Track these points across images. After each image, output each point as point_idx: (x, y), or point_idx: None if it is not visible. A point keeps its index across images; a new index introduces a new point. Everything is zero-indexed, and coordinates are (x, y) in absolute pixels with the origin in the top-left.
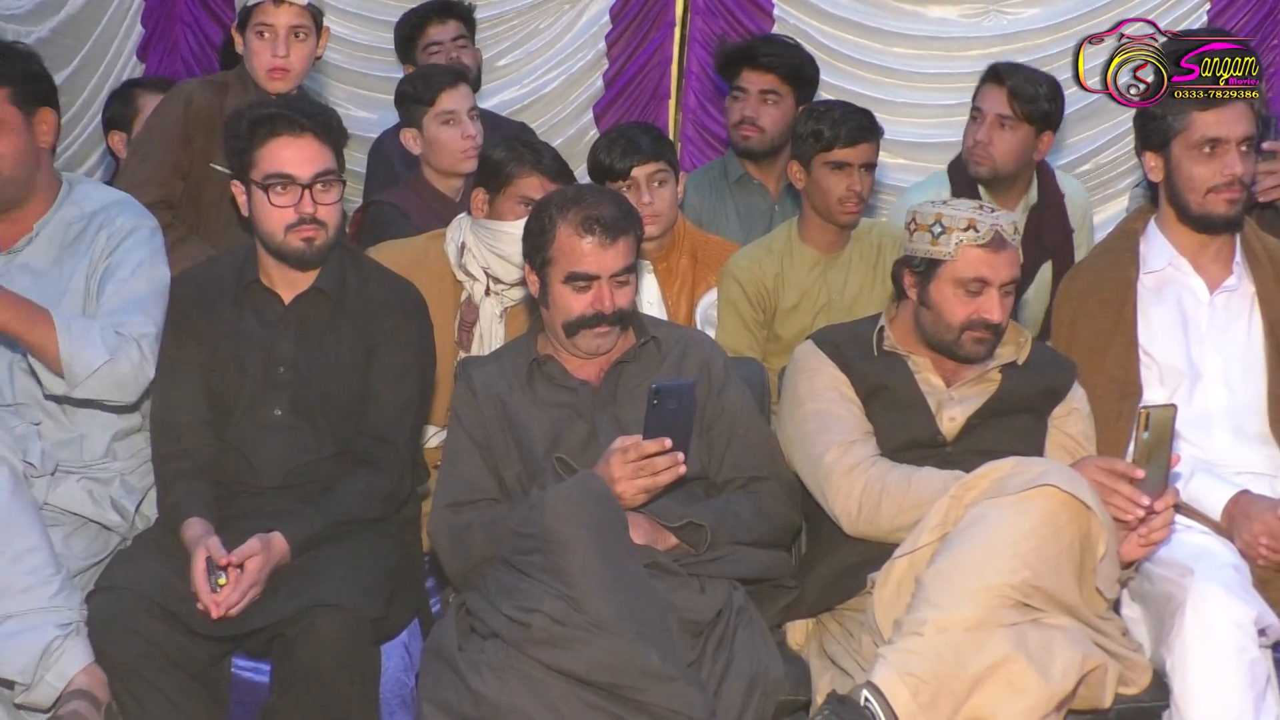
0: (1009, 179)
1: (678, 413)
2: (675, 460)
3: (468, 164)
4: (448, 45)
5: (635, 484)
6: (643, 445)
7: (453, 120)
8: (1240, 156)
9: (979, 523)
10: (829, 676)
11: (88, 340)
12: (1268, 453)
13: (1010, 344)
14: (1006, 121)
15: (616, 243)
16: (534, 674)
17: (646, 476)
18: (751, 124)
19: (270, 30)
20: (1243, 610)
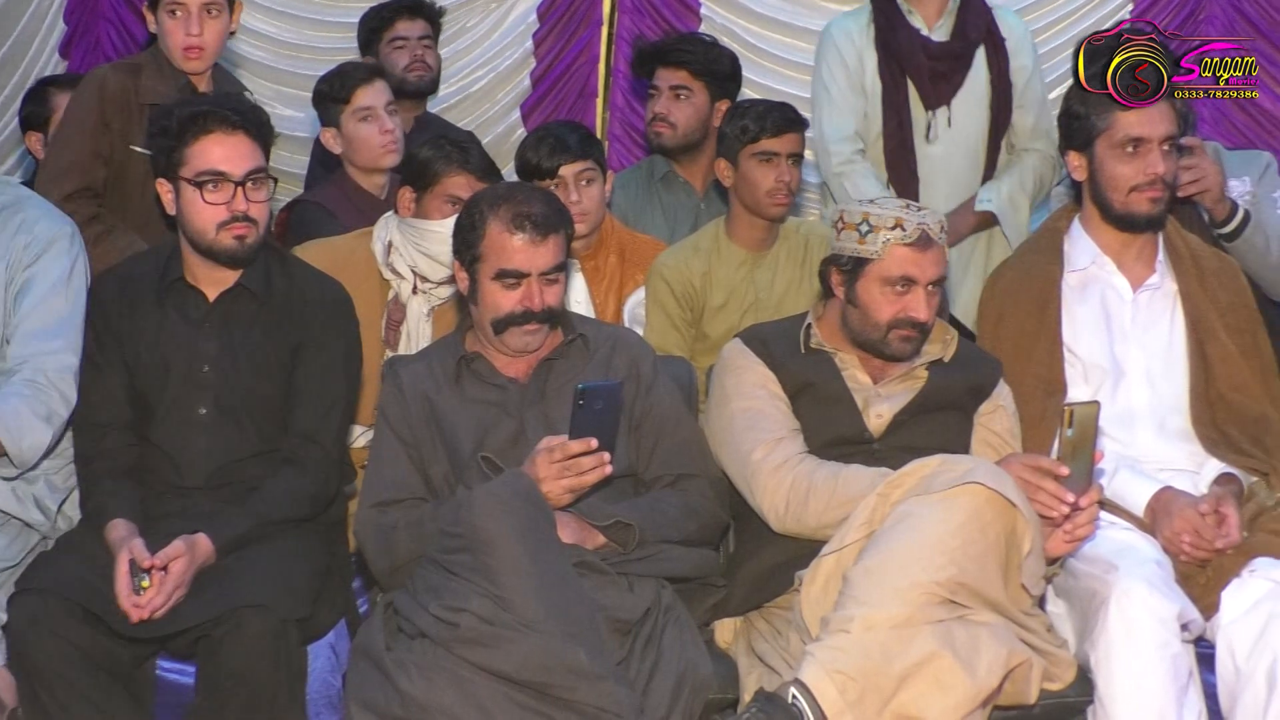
0: None
1: (604, 412)
2: (601, 460)
3: (388, 159)
4: (413, 43)
5: (561, 484)
6: (568, 445)
7: (370, 116)
8: (1162, 156)
9: (905, 520)
10: (757, 674)
11: (25, 425)
12: (1190, 449)
13: (937, 341)
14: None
15: (547, 240)
16: (462, 673)
17: (572, 476)
18: (663, 120)
19: (182, 9)
20: (1165, 606)
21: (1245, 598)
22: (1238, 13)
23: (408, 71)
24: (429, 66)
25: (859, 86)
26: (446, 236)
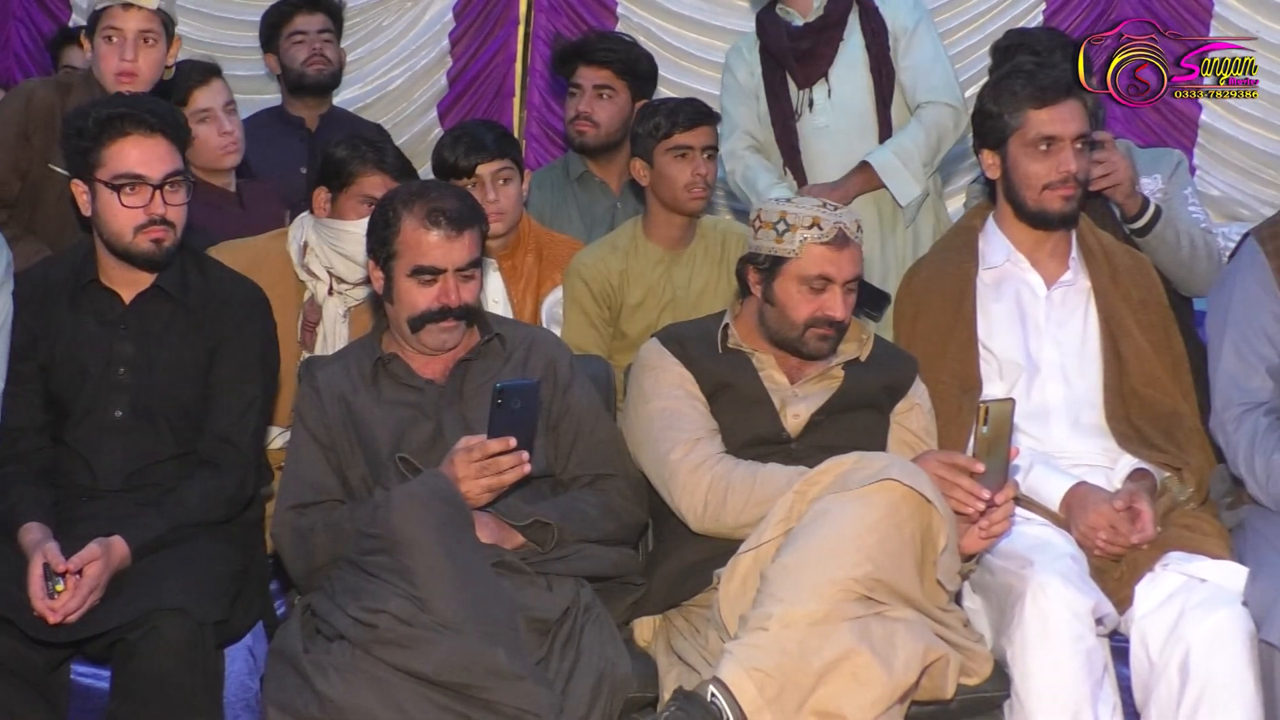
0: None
1: (522, 412)
2: (519, 459)
3: (228, 160)
4: (312, 37)
5: (479, 483)
6: (487, 445)
7: (208, 118)
8: (1075, 154)
9: (822, 518)
10: (676, 673)
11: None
12: (1104, 445)
13: (853, 340)
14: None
15: (462, 236)
16: (380, 675)
17: (491, 476)
18: (586, 119)
19: (118, 34)
20: (1080, 600)
21: (1158, 592)
22: (1148, 11)
23: (306, 66)
24: (328, 60)
25: (751, 95)
26: (362, 237)
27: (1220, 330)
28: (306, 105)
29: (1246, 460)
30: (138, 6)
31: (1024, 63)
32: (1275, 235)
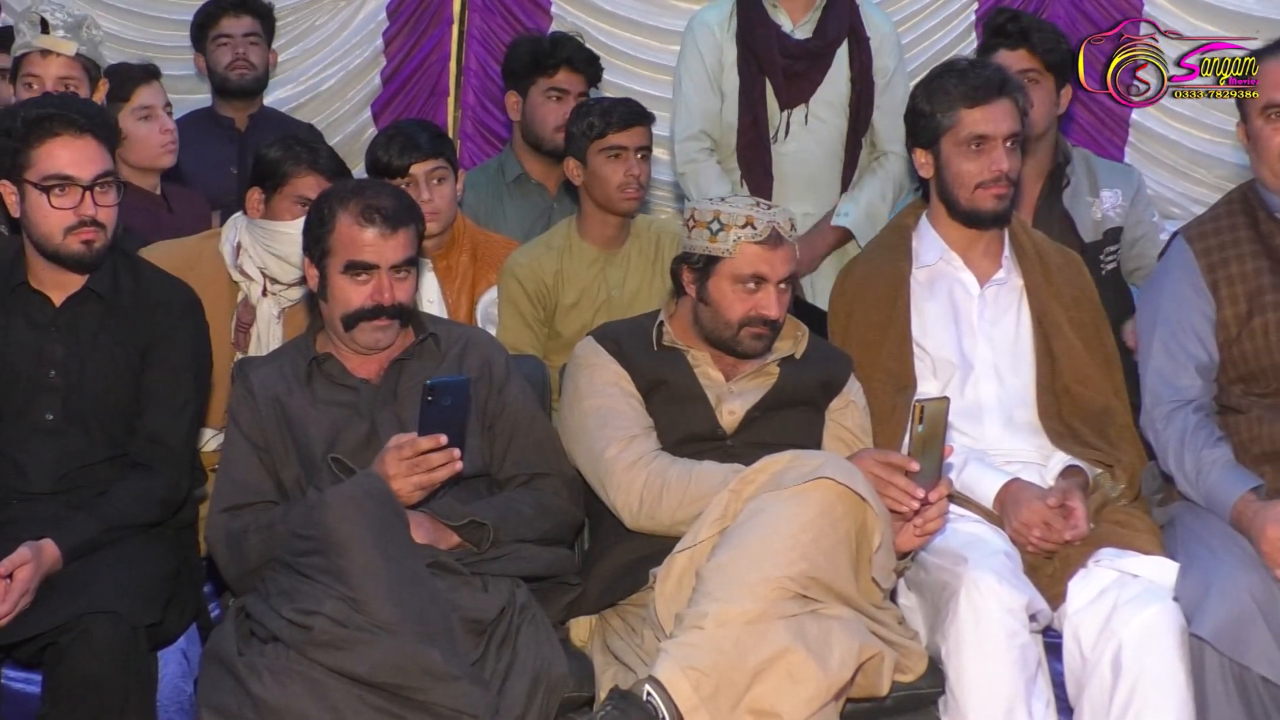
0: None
1: (453, 409)
2: (451, 456)
3: (165, 159)
4: (237, 39)
5: (410, 481)
6: (418, 442)
7: (150, 115)
8: (1006, 153)
9: (757, 516)
10: (612, 672)
11: None
12: (1037, 442)
13: (788, 338)
14: None
15: (397, 233)
16: (315, 676)
17: (422, 473)
18: None
19: (38, 81)
20: (1014, 597)
21: (1091, 587)
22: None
23: (229, 70)
24: (252, 65)
25: (716, 82)
26: (297, 237)
27: (1150, 328)
28: (235, 106)
29: (1176, 457)
30: (56, 54)
31: (957, 62)
32: (1204, 234)
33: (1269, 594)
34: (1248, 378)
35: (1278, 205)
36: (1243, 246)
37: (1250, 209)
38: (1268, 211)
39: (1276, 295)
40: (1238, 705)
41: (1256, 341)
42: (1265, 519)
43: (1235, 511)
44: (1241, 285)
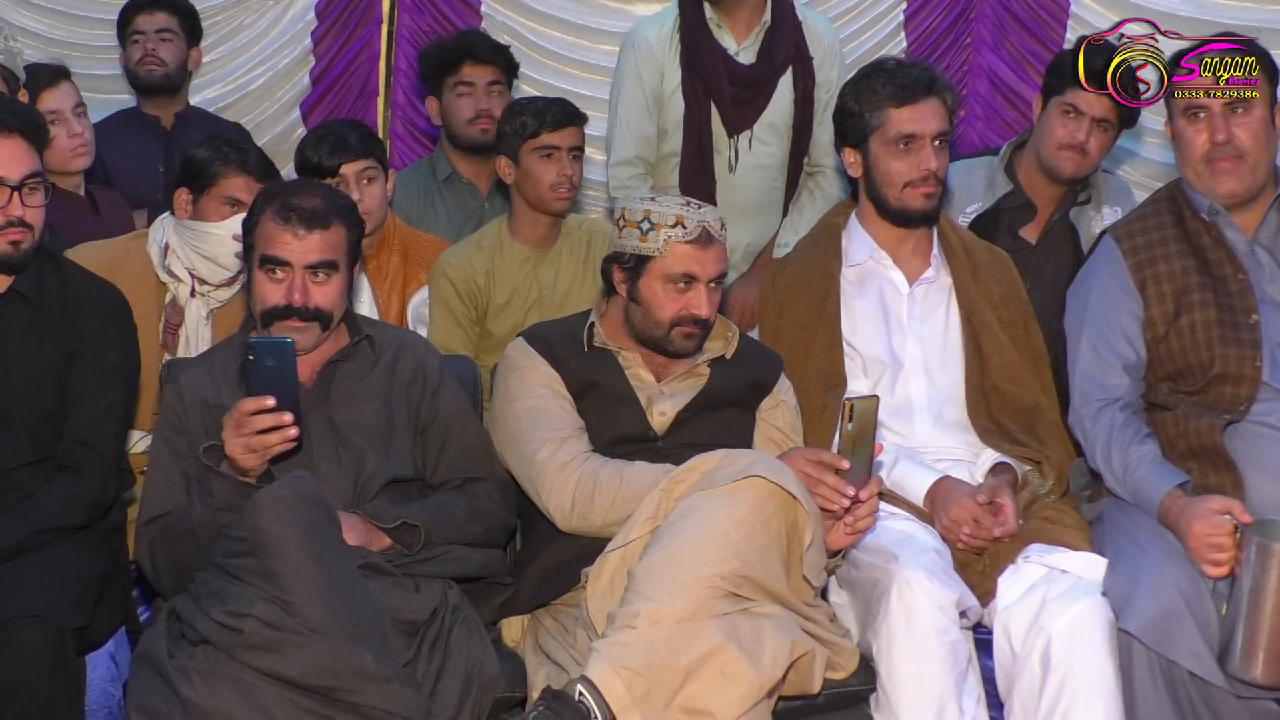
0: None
1: (278, 371)
2: (281, 421)
3: (78, 163)
4: (149, 35)
5: (238, 442)
6: (242, 403)
7: (57, 119)
8: (934, 152)
9: (689, 515)
10: (545, 672)
11: None
12: (966, 439)
13: (718, 338)
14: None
15: (313, 234)
16: (246, 679)
17: (249, 435)
18: (487, 116)
19: None
20: (944, 594)
21: (1020, 583)
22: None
23: (139, 66)
24: (162, 61)
25: (655, 106)
26: (225, 239)
27: (1079, 327)
28: (159, 104)
29: (1104, 454)
30: None
31: (885, 61)
32: (1132, 233)
33: (1196, 590)
34: (1174, 376)
35: (1203, 205)
36: (1169, 246)
37: (1177, 208)
38: (1193, 211)
39: (1203, 294)
40: (1165, 700)
41: (1184, 340)
42: (1191, 515)
43: (1162, 508)
44: (1169, 284)
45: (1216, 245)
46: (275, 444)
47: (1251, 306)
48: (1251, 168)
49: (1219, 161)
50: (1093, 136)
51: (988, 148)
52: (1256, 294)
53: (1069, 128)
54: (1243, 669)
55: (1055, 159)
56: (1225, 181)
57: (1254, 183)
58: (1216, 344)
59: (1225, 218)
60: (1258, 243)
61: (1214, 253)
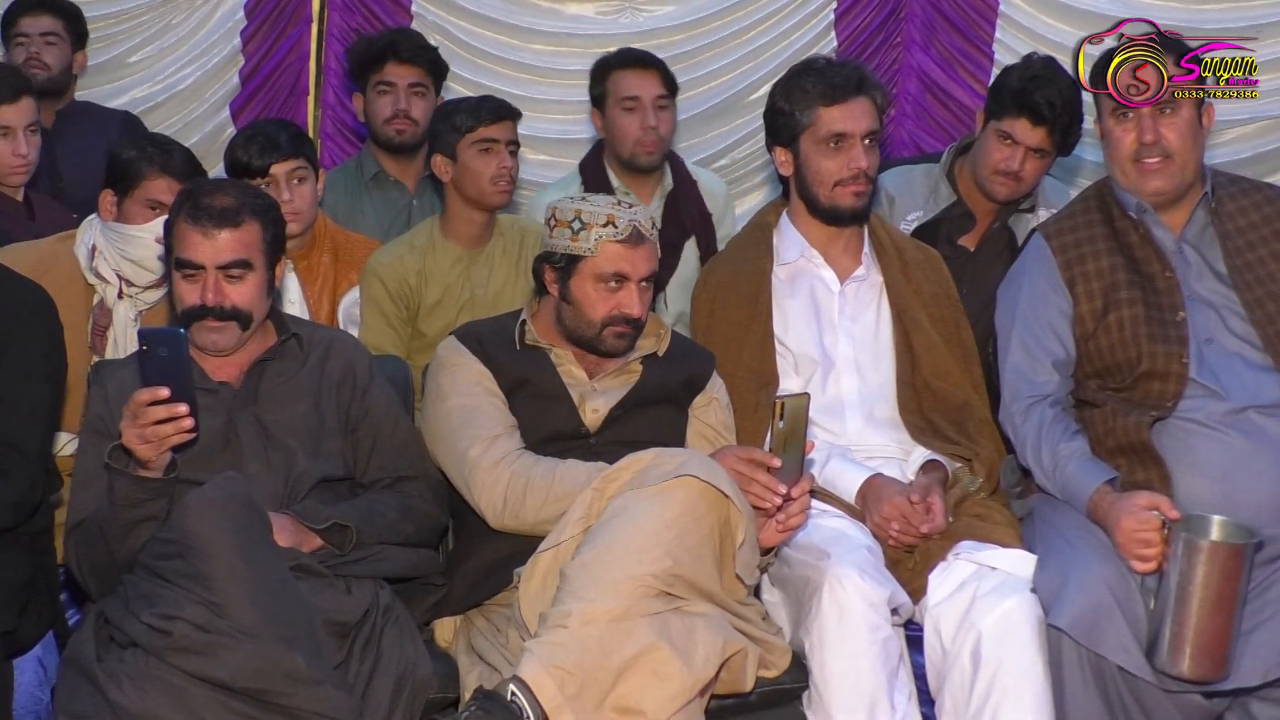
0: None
1: (170, 362)
2: (175, 413)
3: (14, 179)
4: (34, 39)
5: (132, 433)
6: (136, 394)
7: (7, 135)
8: (865, 150)
9: (621, 514)
10: (477, 673)
11: None
12: (898, 437)
13: (651, 336)
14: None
15: (221, 232)
16: (176, 683)
17: (143, 425)
18: (405, 117)
19: None
20: (876, 591)
21: (950, 580)
22: (936, 12)
23: (23, 68)
24: (46, 65)
25: None
26: (148, 241)
27: (1009, 325)
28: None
29: (1034, 451)
30: None
31: (815, 60)
32: (1061, 231)
33: (1124, 585)
34: (1103, 373)
35: (1131, 203)
36: (1098, 244)
37: (1105, 206)
38: (1121, 209)
39: (1131, 292)
40: (1094, 694)
41: (1111, 337)
42: (1120, 511)
43: (1091, 503)
44: (1097, 282)
45: (1144, 243)
46: (170, 434)
47: (1179, 304)
48: (1180, 167)
49: (1146, 161)
50: (1027, 163)
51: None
52: (1184, 291)
53: (1004, 154)
54: (1170, 663)
55: (990, 182)
56: (1153, 180)
57: (1182, 182)
58: (1144, 341)
59: (1153, 216)
60: (1185, 240)
61: (1142, 250)
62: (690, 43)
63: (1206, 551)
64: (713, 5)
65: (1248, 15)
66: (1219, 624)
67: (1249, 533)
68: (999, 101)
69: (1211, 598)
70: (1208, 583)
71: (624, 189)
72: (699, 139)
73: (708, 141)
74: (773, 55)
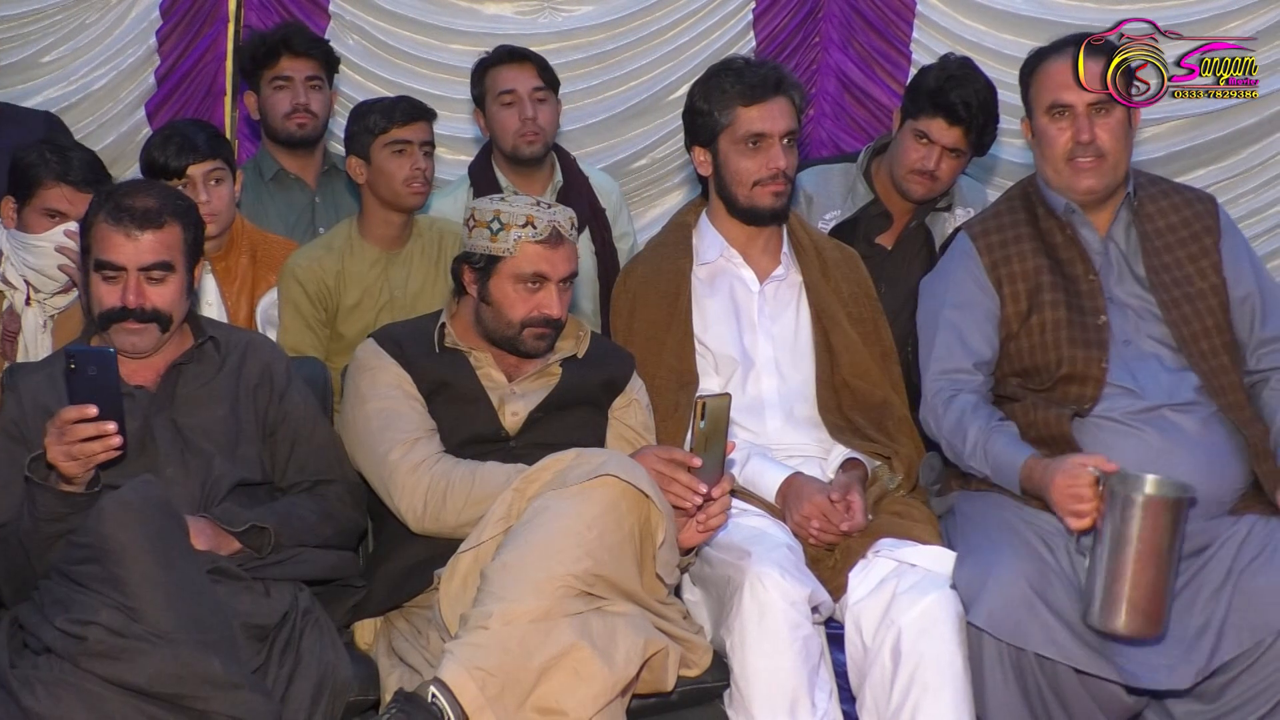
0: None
1: (100, 380)
2: (103, 430)
3: None
4: None
5: (58, 449)
6: (63, 411)
7: None
8: (784, 150)
9: (542, 514)
10: (397, 675)
11: None
12: (817, 435)
13: (570, 337)
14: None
15: (146, 234)
16: (91, 688)
17: (70, 443)
18: (305, 110)
19: None
20: (797, 589)
21: (870, 578)
22: (854, 12)
23: None
24: None
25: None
26: (48, 250)
27: (933, 322)
28: None
29: (959, 433)
30: None
31: (734, 60)
32: (987, 230)
33: (1045, 579)
34: (1023, 373)
35: (1059, 203)
36: (1024, 244)
37: (1030, 206)
38: (1047, 209)
39: (1054, 294)
40: (1015, 690)
41: (1033, 339)
42: (1055, 470)
43: (1024, 472)
44: (1023, 283)
45: (1069, 244)
46: (98, 452)
47: (1101, 308)
48: (1111, 167)
49: (1081, 160)
50: (943, 163)
51: (844, 153)
52: (1105, 294)
53: (920, 153)
54: (1105, 619)
55: (906, 181)
56: (1085, 179)
57: (1112, 181)
58: (1065, 345)
59: (1081, 216)
60: (1111, 239)
61: (1066, 252)
62: (609, 42)
63: (1140, 505)
64: (631, 5)
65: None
66: (1154, 579)
67: (1184, 489)
68: (915, 101)
69: (1147, 552)
70: (1143, 537)
71: (514, 188)
72: (618, 139)
73: (627, 141)
74: (692, 55)
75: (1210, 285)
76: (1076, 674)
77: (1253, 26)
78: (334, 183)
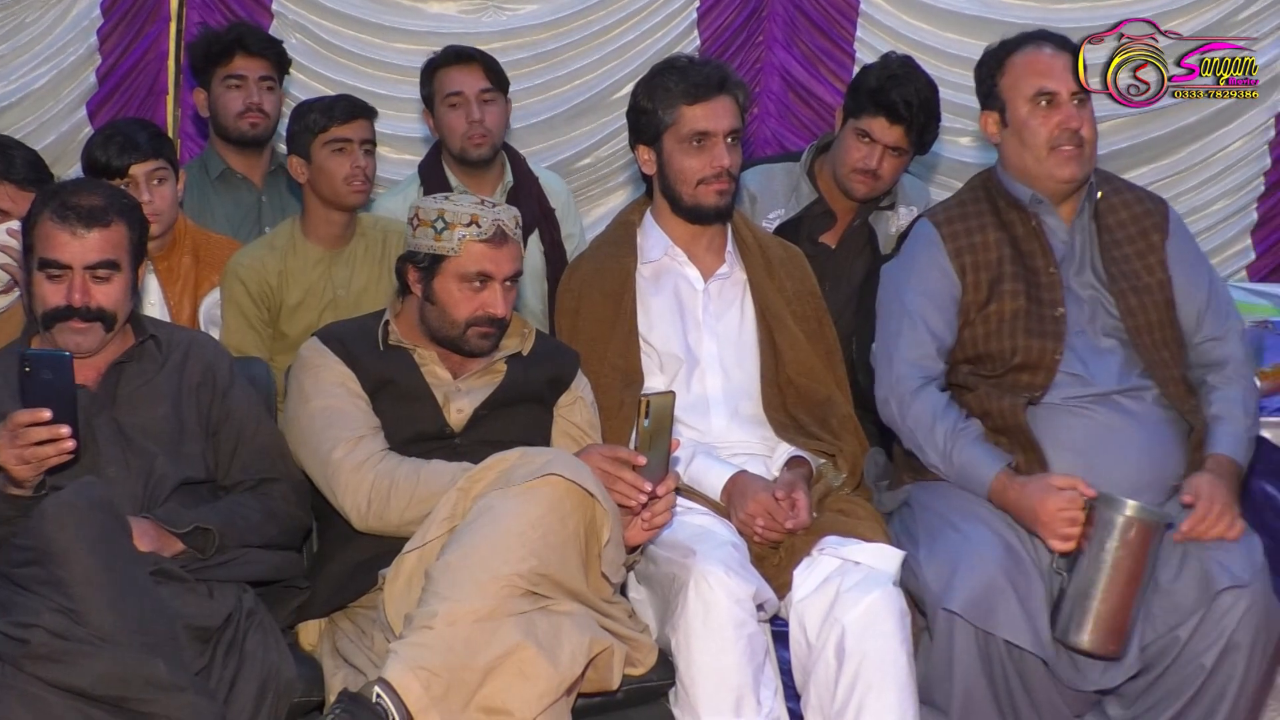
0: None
1: (55, 383)
2: (57, 434)
3: None
4: None
5: (10, 453)
6: (16, 415)
7: None
8: (728, 148)
9: (486, 514)
10: (342, 675)
11: None
12: (762, 433)
13: (515, 335)
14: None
15: (90, 233)
16: (34, 692)
17: (22, 447)
18: (258, 110)
19: None
20: (742, 587)
21: (815, 575)
22: (798, 10)
23: None
24: None
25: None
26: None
27: (897, 309)
28: None
29: (928, 433)
30: None
31: (677, 59)
32: (951, 218)
33: (1015, 564)
34: (975, 360)
35: (1025, 194)
36: (988, 233)
37: (991, 197)
38: (1009, 200)
39: (1014, 284)
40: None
41: (989, 327)
42: (1039, 493)
43: (996, 487)
44: (985, 272)
45: (1031, 236)
46: (50, 456)
47: (1059, 299)
48: (1089, 157)
49: (1064, 148)
50: (885, 162)
51: (787, 152)
52: (1064, 285)
53: (862, 152)
54: (1072, 634)
55: (848, 180)
56: (1068, 167)
57: (1089, 171)
58: (1020, 335)
59: (1047, 206)
60: (1075, 230)
61: (1028, 244)
62: (553, 41)
63: (1120, 526)
64: (575, 4)
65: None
66: (1126, 599)
67: (1162, 515)
68: (857, 100)
69: (1124, 573)
70: (1122, 557)
71: (464, 188)
72: (562, 138)
73: (571, 140)
74: (636, 54)
75: (1157, 281)
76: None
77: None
78: (280, 182)
